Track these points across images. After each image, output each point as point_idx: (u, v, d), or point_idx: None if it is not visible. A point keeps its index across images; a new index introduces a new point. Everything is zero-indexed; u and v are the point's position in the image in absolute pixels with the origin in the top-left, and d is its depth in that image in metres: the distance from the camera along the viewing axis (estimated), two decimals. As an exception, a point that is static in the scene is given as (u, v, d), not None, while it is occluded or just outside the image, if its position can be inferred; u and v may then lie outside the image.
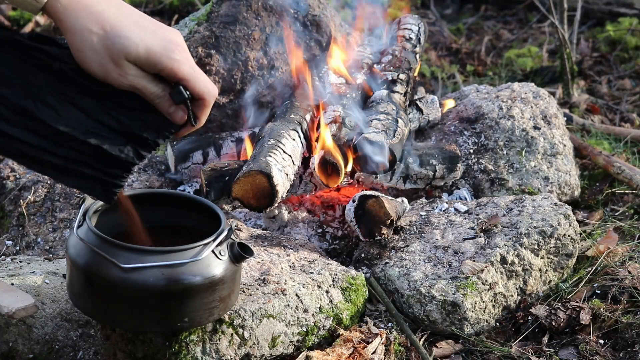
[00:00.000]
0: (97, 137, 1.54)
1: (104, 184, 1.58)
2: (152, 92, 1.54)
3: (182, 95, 1.55)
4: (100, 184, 1.58)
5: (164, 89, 1.55)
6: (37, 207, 2.63)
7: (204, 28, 2.94)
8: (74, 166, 1.55)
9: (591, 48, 4.47)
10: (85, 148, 1.54)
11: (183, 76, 1.53)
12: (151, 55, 1.49)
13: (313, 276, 2.19)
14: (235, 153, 2.78)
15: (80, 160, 1.55)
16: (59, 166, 1.55)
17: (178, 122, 1.59)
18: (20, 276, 2.11)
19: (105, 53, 1.47)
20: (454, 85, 3.99)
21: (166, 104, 1.56)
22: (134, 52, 1.47)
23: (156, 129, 1.58)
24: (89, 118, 1.54)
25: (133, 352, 1.94)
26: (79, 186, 1.60)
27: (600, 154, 3.12)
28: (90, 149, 1.54)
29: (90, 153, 1.54)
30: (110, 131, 1.55)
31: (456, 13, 5.14)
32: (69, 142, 1.53)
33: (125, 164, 1.56)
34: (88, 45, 1.46)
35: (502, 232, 2.44)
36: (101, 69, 1.49)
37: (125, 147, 1.55)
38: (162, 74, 1.53)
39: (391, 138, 2.57)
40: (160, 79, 1.54)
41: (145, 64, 1.50)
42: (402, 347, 2.18)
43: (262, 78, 2.94)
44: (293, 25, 2.99)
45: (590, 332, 2.23)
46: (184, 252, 1.78)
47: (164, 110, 1.57)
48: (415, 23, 3.16)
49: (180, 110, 1.57)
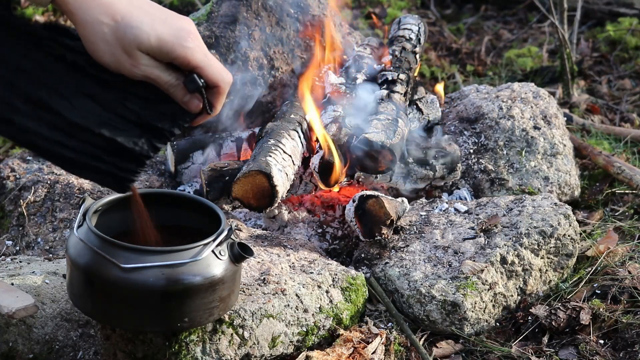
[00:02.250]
0: (111, 129, 1.52)
1: (117, 178, 1.57)
2: (166, 81, 1.53)
3: (196, 83, 1.54)
4: (113, 178, 1.57)
5: (178, 78, 1.54)
6: (37, 207, 2.63)
7: (204, 28, 2.94)
8: (87, 160, 1.54)
9: (591, 48, 4.47)
10: (99, 140, 1.53)
11: (197, 64, 1.52)
12: (163, 44, 1.48)
13: (313, 276, 2.19)
14: (235, 153, 2.78)
15: (94, 154, 1.53)
16: (72, 159, 1.54)
17: (193, 111, 1.58)
18: (20, 276, 2.11)
19: (117, 44, 1.46)
20: (454, 85, 3.99)
21: (180, 92, 1.55)
22: (146, 42, 1.46)
23: (171, 119, 1.57)
24: (104, 109, 1.53)
25: (133, 352, 1.94)
26: (92, 179, 1.59)
27: (600, 154, 3.12)
28: (104, 141, 1.53)
29: (103, 146, 1.53)
30: (125, 122, 1.53)
31: (456, 13, 5.14)
32: (83, 134, 1.52)
33: (140, 157, 1.55)
34: (100, 37, 1.46)
35: (502, 232, 2.44)
36: (114, 60, 1.48)
37: (139, 140, 1.54)
38: (175, 63, 1.52)
39: (391, 138, 2.57)
40: (174, 68, 1.53)
41: (158, 53, 1.49)
42: (402, 347, 2.18)
43: (262, 78, 2.94)
44: (293, 25, 2.99)
45: (590, 332, 2.23)
46: (184, 252, 1.78)
47: (178, 99, 1.56)
48: (415, 23, 3.16)
49: (195, 98, 1.56)
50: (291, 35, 2.99)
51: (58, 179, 2.67)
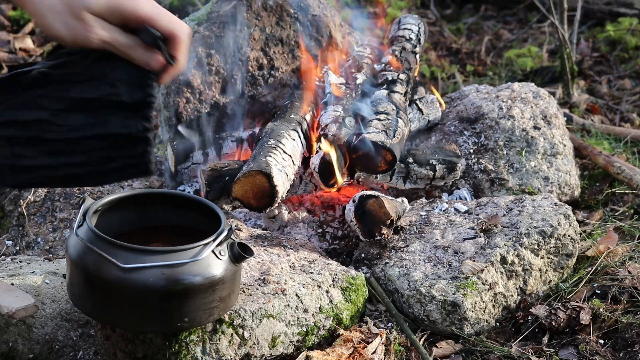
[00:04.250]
0: (101, 126, 1.52)
1: (137, 166, 1.56)
2: (122, 44, 1.51)
3: (152, 34, 1.51)
4: (134, 168, 1.57)
5: (135, 39, 1.52)
6: (37, 207, 2.63)
7: (204, 28, 2.94)
8: (101, 167, 1.54)
9: (591, 48, 4.47)
10: (99, 143, 1.53)
11: (147, 15, 1.51)
12: (111, 1, 1.47)
13: (313, 276, 2.19)
14: (235, 153, 2.78)
15: (104, 157, 1.53)
16: (89, 174, 1.54)
17: (156, 67, 1.55)
18: (20, 276, 2.11)
19: (66, 11, 1.46)
20: (454, 85, 3.99)
21: (139, 52, 1.53)
22: (95, 3, 1.46)
23: (140, 85, 1.54)
24: (84, 113, 1.53)
25: (133, 352, 1.94)
26: (117, 180, 1.60)
27: (600, 154, 3.12)
28: (103, 141, 1.52)
29: (106, 146, 1.53)
30: (109, 114, 1.53)
31: (456, 13, 5.14)
32: (82, 145, 1.52)
33: (142, 136, 1.54)
34: (48, 7, 1.46)
35: (502, 232, 2.44)
36: (67, 29, 1.47)
37: (131, 122, 1.53)
38: (127, 21, 1.50)
39: (391, 138, 2.57)
40: (129, 31, 1.52)
41: (108, 12, 1.48)
42: (402, 347, 2.18)
43: (262, 78, 2.94)
44: (293, 25, 3.00)
45: (590, 332, 2.23)
46: (184, 252, 1.78)
47: (140, 60, 1.54)
48: (415, 23, 3.16)
49: (154, 54, 1.54)
50: (291, 35, 2.99)
51: (58, 179, 2.67)
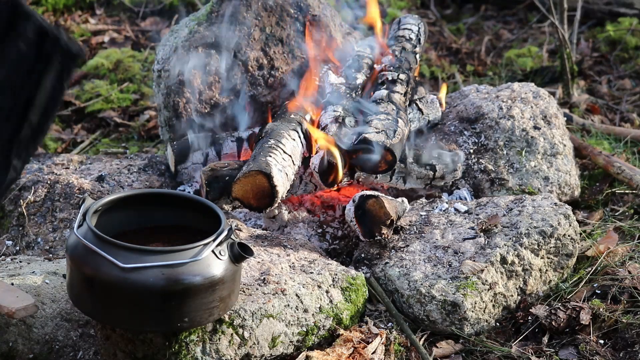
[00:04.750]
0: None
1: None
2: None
3: None
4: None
5: None
6: (37, 207, 2.63)
7: (204, 28, 2.94)
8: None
9: (591, 48, 4.47)
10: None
11: None
12: None
13: (313, 276, 2.19)
14: (235, 153, 2.78)
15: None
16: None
17: None
18: (20, 276, 2.11)
19: None
20: (454, 85, 3.99)
21: None
22: None
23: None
24: None
25: (133, 352, 1.94)
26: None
27: (600, 154, 3.12)
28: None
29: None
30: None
31: (456, 13, 5.14)
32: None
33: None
34: None
35: (502, 232, 2.44)
36: None
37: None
38: None
39: (391, 138, 2.57)
40: None
41: None
42: (402, 347, 2.18)
43: (262, 78, 2.94)
44: (293, 25, 2.99)
45: (590, 332, 2.23)
46: (184, 252, 1.78)
47: None
48: (415, 23, 3.16)
49: None
50: (291, 35, 2.99)
51: (58, 179, 2.67)
